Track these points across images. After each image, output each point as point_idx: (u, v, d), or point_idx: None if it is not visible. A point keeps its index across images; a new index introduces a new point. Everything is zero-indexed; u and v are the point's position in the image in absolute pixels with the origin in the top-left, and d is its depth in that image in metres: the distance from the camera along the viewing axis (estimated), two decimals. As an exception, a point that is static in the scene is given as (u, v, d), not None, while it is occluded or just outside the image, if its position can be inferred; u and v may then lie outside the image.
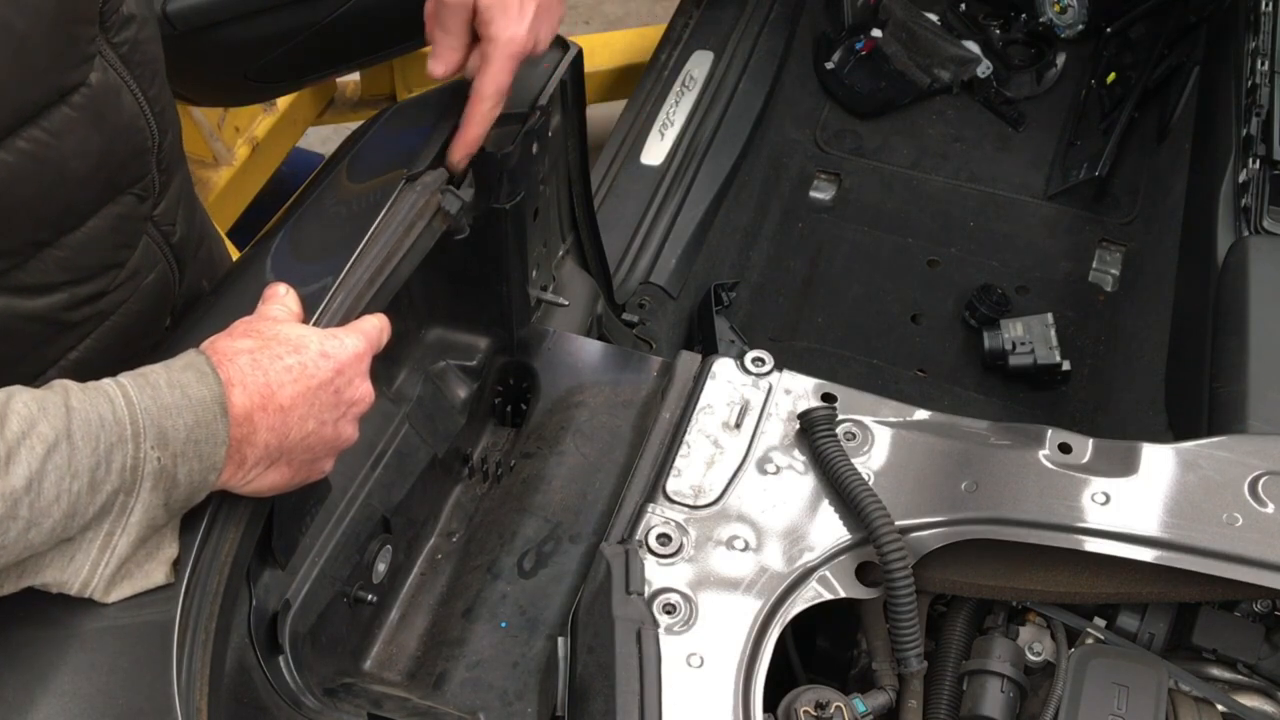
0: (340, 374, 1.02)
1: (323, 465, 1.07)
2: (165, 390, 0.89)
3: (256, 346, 0.97)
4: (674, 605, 1.14)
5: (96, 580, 0.90)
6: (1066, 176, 2.63)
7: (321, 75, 2.50)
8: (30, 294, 1.12)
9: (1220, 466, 1.17)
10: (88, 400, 0.86)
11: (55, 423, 0.83)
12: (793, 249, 2.60)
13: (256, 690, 1.10)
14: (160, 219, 1.23)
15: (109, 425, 0.86)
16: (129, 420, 0.87)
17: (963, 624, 1.23)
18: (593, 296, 1.73)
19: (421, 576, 1.40)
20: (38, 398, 0.84)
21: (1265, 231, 1.85)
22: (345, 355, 1.02)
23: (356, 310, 1.13)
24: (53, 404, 0.84)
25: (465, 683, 1.25)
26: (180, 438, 0.89)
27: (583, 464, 1.43)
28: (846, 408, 1.30)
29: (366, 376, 1.06)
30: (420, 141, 1.31)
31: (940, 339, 2.42)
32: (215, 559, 0.97)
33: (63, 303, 1.15)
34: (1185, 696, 1.13)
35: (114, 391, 0.87)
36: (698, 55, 2.60)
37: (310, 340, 1.01)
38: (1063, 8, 2.82)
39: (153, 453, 0.88)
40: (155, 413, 0.88)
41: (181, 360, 0.93)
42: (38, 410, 0.82)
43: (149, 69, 1.16)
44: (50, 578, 0.88)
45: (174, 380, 0.90)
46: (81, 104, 1.07)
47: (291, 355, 0.98)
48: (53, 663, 0.89)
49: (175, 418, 0.89)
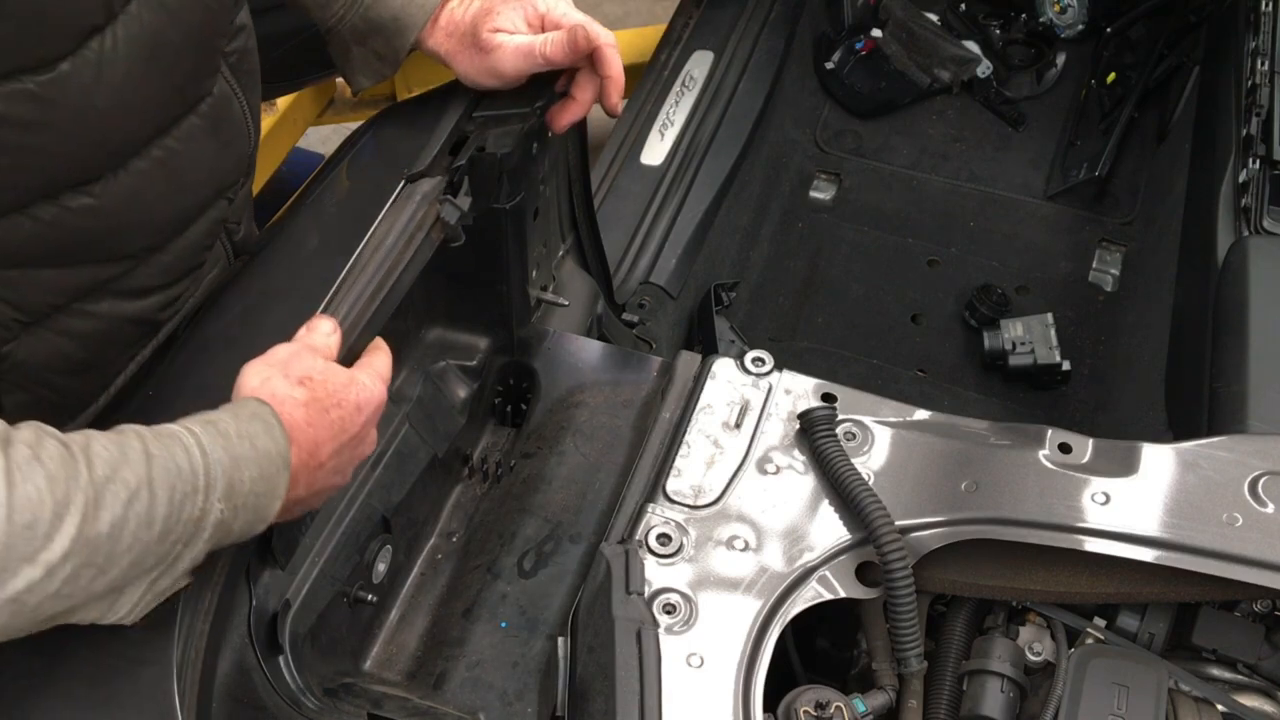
0: (365, 426, 1.04)
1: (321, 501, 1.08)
2: (235, 441, 0.89)
3: (309, 399, 0.98)
4: (674, 605, 1.14)
5: (131, 617, 0.89)
6: (1066, 176, 2.63)
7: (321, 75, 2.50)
8: (134, 296, 1.15)
9: (1220, 466, 1.17)
10: (164, 448, 0.85)
11: (137, 469, 0.82)
12: (793, 249, 2.60)
13: (256, 690, 1.10)
14: (230, 218, 1.26)
15: (185, 475, 0.85)
16: (203, 471, 0.86)
17: (963, 624, 1.23)
18: (593, 296, 1.73)
19: (421, 576, 1.40)
20: (116, 442, 0.83)
21: (1265, 231, 1.84)
22: (372, 408, 1.05)
23: (360, 324, 1.13)
24: (133, 449, 0.83)
25: (465, 683, 1.25)
26: (245, 490, 0.89)
27: (583, 464, 1.43)
28: (846, 408, 1.30)
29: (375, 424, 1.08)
30: (420, 141, 1.31)
31: (940, 339, 2.42)
32: (215, 559, 0.97)
33: (157, 304, 1.18)
34: (1185, 696, 1.13)
35: (188, 440, 0.87)
36: (698, 55, 2.59)
37: (349, 392, 1.02)
38: (1063, 8, 2.81)
39: (218, 505, 0.87)
40: (227, 464, 0.88)
41: (247, 409, 0.93)
42: (119, 454, 0.81)
43: (252, 77, 1.20)
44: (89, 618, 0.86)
45: (242, 431, 0.90)
46: (205, 113, 1.11)
47: (335, 409, 1.00)
48: (51, 662, 0.89)
49: (243, 470, 0.89)
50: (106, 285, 1.12)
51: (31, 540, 0.75)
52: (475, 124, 1.34)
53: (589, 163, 1.62)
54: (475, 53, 1.30)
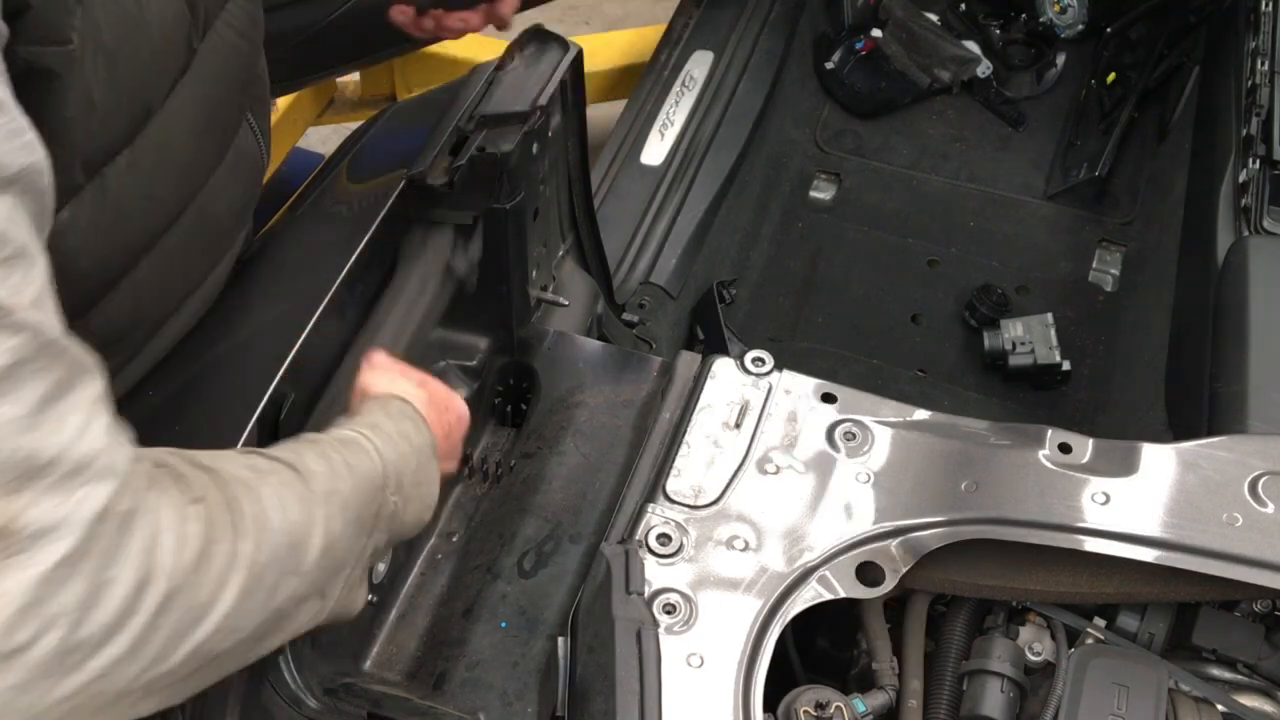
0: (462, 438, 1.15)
1: None
2: (397, 440, 0.97)
3: (429, 400, 1.06)
4: (674, 605, 1.14)
5: (325, 615, 0.91)
6: (1066, 176, 2.63)
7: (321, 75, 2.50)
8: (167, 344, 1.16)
9: (1220, 466, 1.17)
10: (358, 456, 0.91)
11: (345, 482, 0.88)
12: (793, 249, 2.60)
13: (256, 690, 1.10)
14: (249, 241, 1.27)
15: (375, 479, 0.92)
16: (382, 471, 0.93)
17: (963, 624, 1.23)
18: (593, 296, 1.73)
19: (421, 576, 1.40)
20: (322, 455, 0.88)
21: (1265, 231, 1.84)
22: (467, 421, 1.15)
23: None
24: (337, 463, 0.88)
25: (465, 683, 1.25)
26: (409, 481, 0.97)
27: (583, 464, 1.43)
28: (846, 408, 1.30)
29: None
30: (420, 141, 1.31)
31: (940, 339, 2.42)
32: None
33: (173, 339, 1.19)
34: (1185, 696, 1.13)
35: (368, 445, 0.94)
36: (698, 55, 2.59)
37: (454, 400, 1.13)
38: (1063, 8, 2.81)
39: (392, 498, 0.95)
40: (396, 462, 0.95)
41: (394, 408, 1.00)
42: (329, 469, 0.87)
43: (263, 102, 1.20)
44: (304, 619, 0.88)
45: (401, 430, 0.98)
46: (231, 159, 1.10)
47: (447, 413, 1.09)
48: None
49: (407, 463, 0.97)
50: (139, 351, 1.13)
51: (295, 554, 0.81)
52: (475, 124, 1.34)
53: (589, 163, 1.62)
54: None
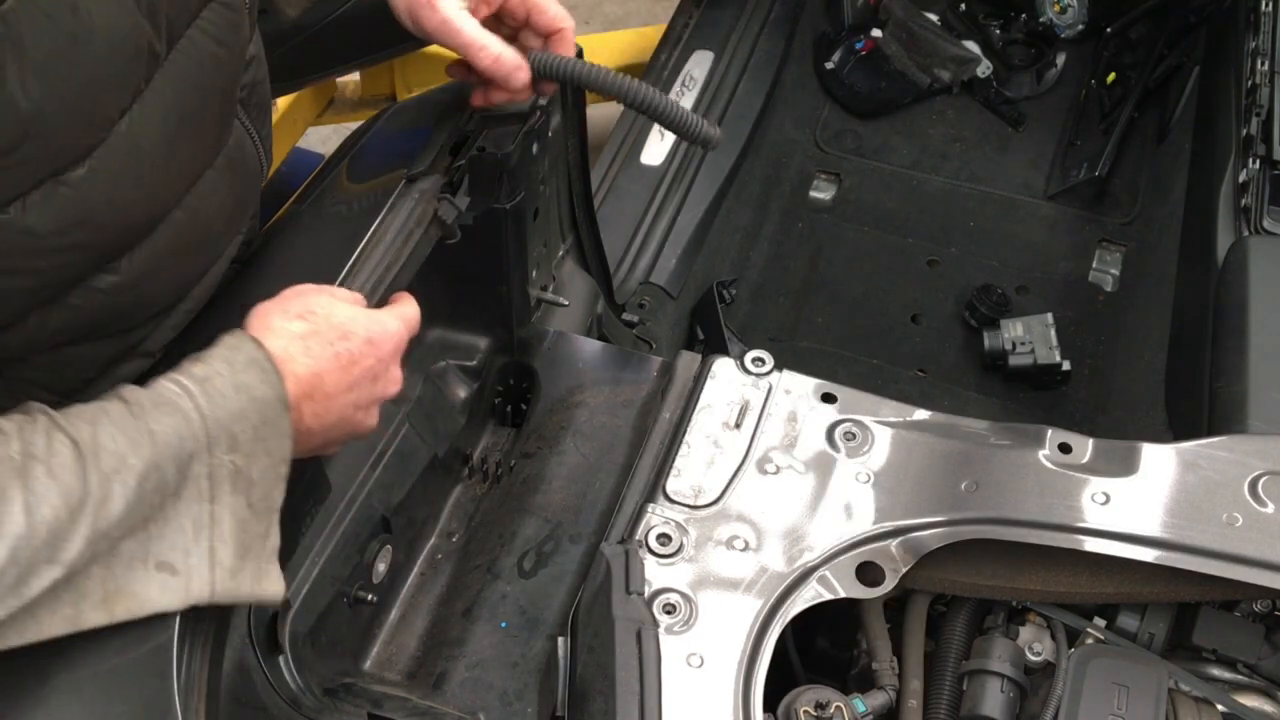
0: (381, 362, 1.03)
1: (336, 448, 1.08)
2: (232, 396, 0.91)
3: (308, 331, 0.98)
4: (674, 605, 1.14)
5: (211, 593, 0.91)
6: (1066, 176, 2.63)
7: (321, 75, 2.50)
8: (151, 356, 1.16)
9: (1220, 466, 1.17)
10: (164, 419, 0.88)
11: (143, 452, 0.85)
12: (793, 249, 2.60)
13: (256, 690, 1.10)
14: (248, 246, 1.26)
15: (187, 441, 0.88)
16: (204, 433, 0.89)
17: (963, 624, 1.23)
18: (593, 296, 1.73)
19: (421, 576, 1.40)
20: (119, 425, 0.85)
21: (1265, 231, 1.84)
22: (389, 344, 1.04)
23: None
24: (137, 430, 0.86)
25: (465, 683, 1.25)
26: (249, 438, 0.91)
27: (583, 464, 1.43)
28: (846, 408, 1.30)
29: (398, 362, 1.07)
30: (420, 141, 1.31)
31: (940, 339, 2.42)
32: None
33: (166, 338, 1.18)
34: (1185, 696, 1.13)
35: (186, 405, 0.89)
36: (698, 55, 2.59)
37: (358, 324, 1.02)
38: (1063, 8, 2.81)
39: (227, 458, 0.90)
40: (225, 420, 0.90)
41: (243, 356, 0.94)
42: (125, 444, 0.84)
43: (263, 110, 1.19)
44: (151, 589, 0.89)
45: (239, 383, 0.92)
46: (222, 164, 1.10)
47: (341, 342, 1.00)
48: (53, 663, 0.89)
49: (244, 422, 0.91)
50: (135, 349, 1.13)
51: (52, 547, 0.80)
52: (475, 124, 1.34)
53: (589, 163, 1.62)
54: None
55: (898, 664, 1.19)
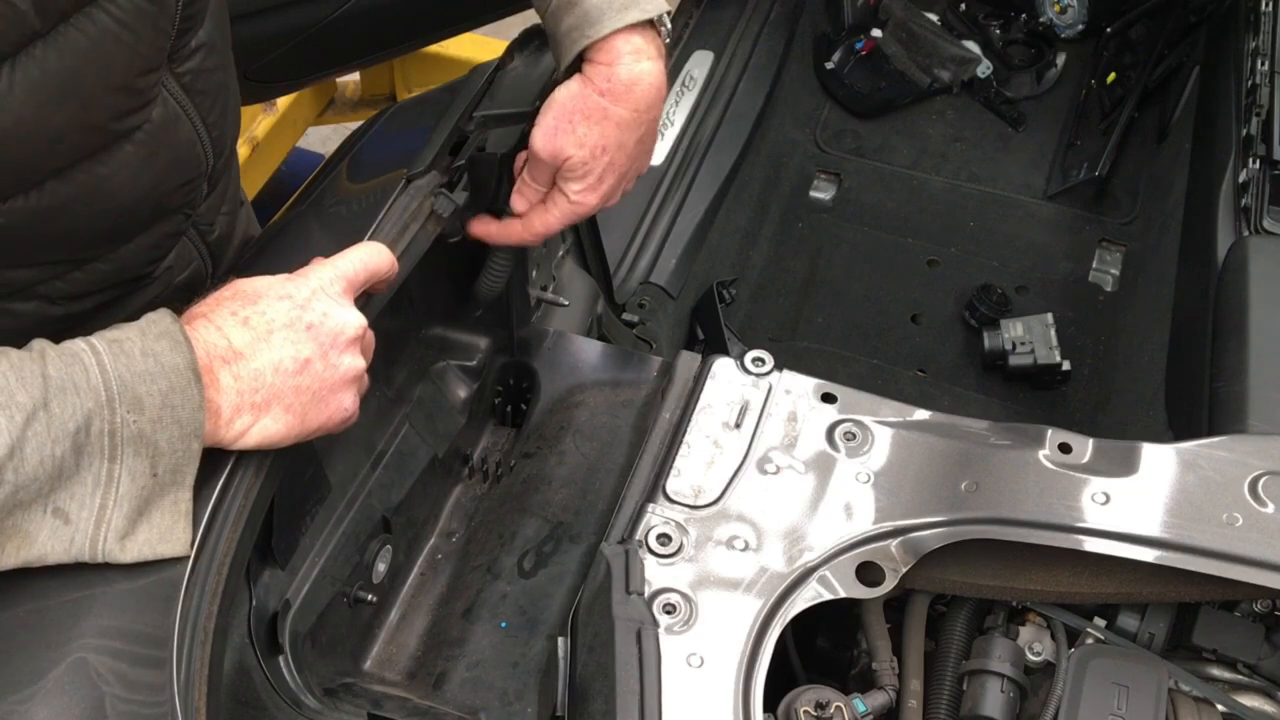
0: (305, 308, 1.01)
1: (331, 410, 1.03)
2: (139, 358, 0.91)
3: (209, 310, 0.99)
4: (674, 605, 1.14)
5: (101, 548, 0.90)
6: (1066, 176, 2.63)
7: (321, 75, 2.50)
8: (65, 300, 1.14)
9: (1220, 466, 1.17)
10: (64, 367, 0.88)
11: (33, 392, 0.85)
12: (793, 249, 2.60)
13: (256, 690, 1.10)
14: (200, 219, 1.25)
15: (84, 392, 0.88)
16: (103, 386, 0.89)
17: (963, 624, 1.23)
18: (593, 296, 1.73)
19: (421, 576, 1.40)
20: (14, 365, 0.86)
21: (1265, 231, 1.84)
22: (306, 291, 1.02)
23: None
24: (30, 372, 0.86)
25: (465, 683, 1.25)
26: (155, 403, 0.91)
27: (583, 464, 1.43)
28: (846, 408, 1.30)
29: (346, 304, 1.04)
30: (420, 141, 1.31)
31: (940, 339, 2.42)
32: (214, 558, 0.97)
33: (93, 306, 1.17)
34: (1185, 696, 1.13)
35: (89, 359, 0.89)
36: (698, 55, 2.60)
37: (268, 287, 1.01)
38: (1063, 8, 2.82)
39: (129, 416, 0.89)
40: (129, 379, 0.90)
41: (156, 328, 0.94)
42: (15, 381, 0.85)
43: (211, 96, 1.16)
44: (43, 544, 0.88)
45: (148, 349, 0.92)
46: (141, 140, 1.08)
47: (245, 307, 0.99)
48: (51, 662, 0.89)
49: (149, 384, 0.90)
50: (32, 288, 1.11)
51: None
52: (475, 124, 1.34)
53: (589, 163, 1.62)
54: None
55: (898, 664, 1.19)
